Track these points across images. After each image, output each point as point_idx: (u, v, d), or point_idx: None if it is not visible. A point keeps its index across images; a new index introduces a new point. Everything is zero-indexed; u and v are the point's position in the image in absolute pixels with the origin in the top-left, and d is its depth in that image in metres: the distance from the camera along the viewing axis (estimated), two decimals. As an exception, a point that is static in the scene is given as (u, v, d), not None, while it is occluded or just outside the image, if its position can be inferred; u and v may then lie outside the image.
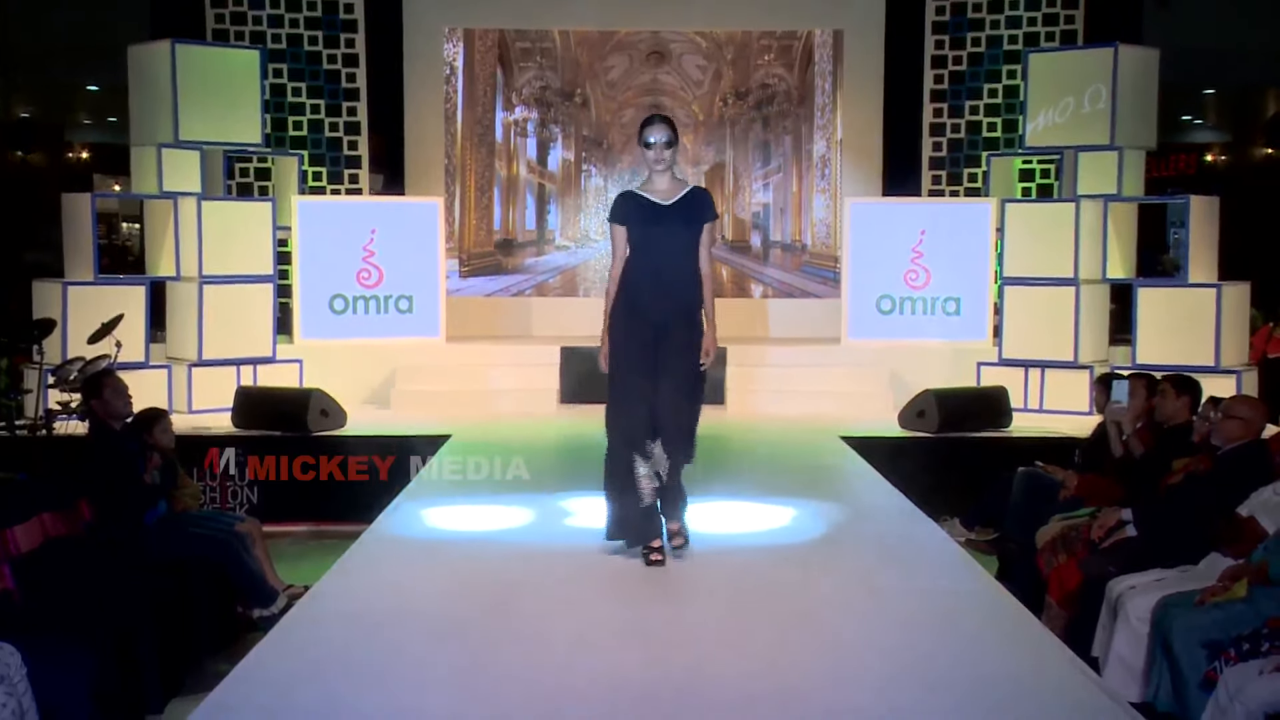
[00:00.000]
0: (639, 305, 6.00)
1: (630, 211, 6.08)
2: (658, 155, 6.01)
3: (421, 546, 6.31)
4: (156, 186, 10.46)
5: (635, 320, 6.00)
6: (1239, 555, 5.41)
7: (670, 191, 6.07)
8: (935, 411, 9.65)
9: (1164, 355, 10.04)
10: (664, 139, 5.99)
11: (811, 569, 5.90)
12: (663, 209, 6.03)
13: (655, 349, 5.95)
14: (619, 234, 6.10)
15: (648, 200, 6.08)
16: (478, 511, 7.08)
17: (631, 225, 6.04)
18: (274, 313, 10.81)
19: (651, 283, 5.99)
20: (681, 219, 6.03)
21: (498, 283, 12.93)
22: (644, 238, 6.02)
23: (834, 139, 12.97)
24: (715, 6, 12.82)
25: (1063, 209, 10.71)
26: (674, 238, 6.02)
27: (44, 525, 5.71)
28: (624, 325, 6.02)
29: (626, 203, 6.12)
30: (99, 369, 8.24)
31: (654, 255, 6.01)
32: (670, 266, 6.01)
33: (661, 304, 5.98)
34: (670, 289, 6.00)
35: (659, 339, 5.96)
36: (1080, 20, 12.06)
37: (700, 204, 6.10)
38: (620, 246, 6.10)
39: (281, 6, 12.18)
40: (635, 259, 6.04)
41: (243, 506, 9.10)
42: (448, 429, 9.59)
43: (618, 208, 6.14)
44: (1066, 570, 6.22)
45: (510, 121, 13.02)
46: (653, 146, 6.01)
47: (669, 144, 6.00)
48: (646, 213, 6.04)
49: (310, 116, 12.32)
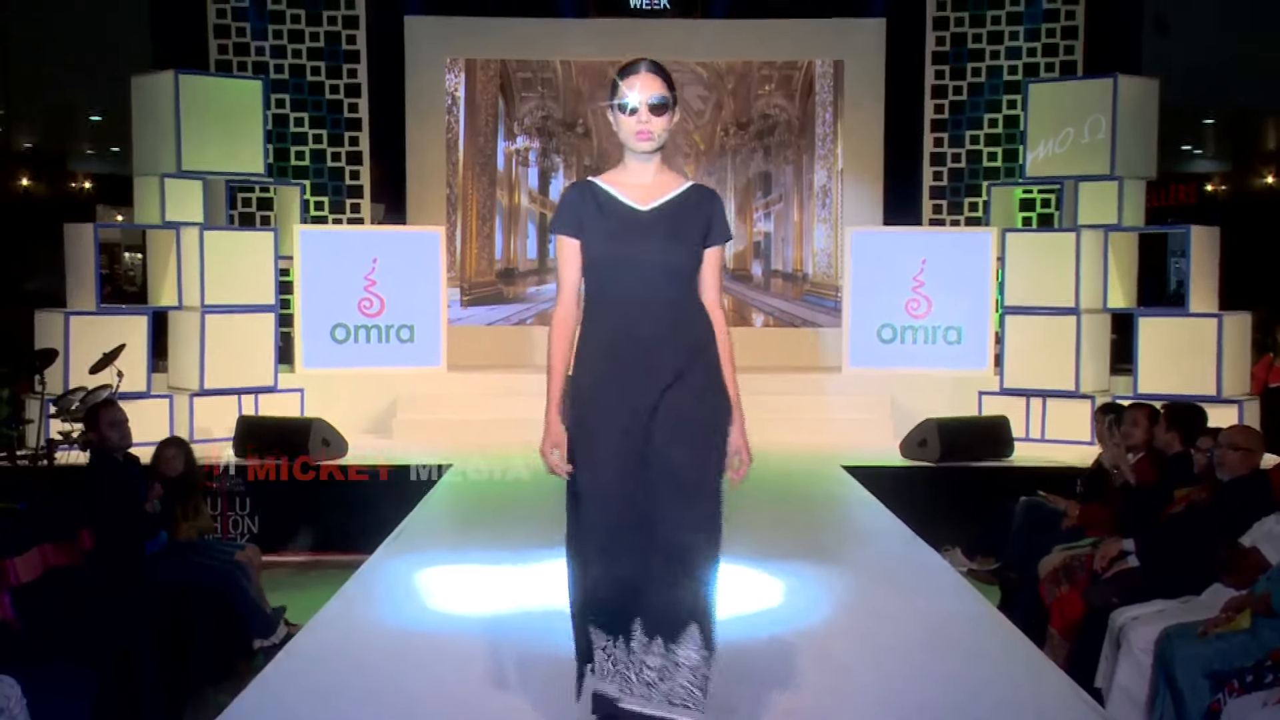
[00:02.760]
0: (611, 372, 3.82)
1: (587, 216, 3.87)
2: (642, 126, 3.83)
3: (421, 578, 6.30)
4: (159, 216, 10.48)
5: (607, 397, 3.81)
6: (1241, 586, 5.40)
7: (655, 188, 3.91)
8: (937, 441, 9.64)
9: (1165, 385, 10.03)
10: (654, 98, 3.83)
11: (814, 597, 5.89)
12: (640, 216, 3.86)
13: (645, 442, 3.79)
14: (568, 252, 3.88)
15: (616, 200, 3.88)
16: (478, 542, 7.06)
17: (589, 239, 3.85)
18: (276, 342, 10.81)
19: (626, 337, 3.81)
20: (671, 233, 3.85)
21: (499, 312, 12.94)
22: (609, 261, 3.83)
23: (835, 169, 13.01)
24: (716, 37, 12.86)
25: (1063, 238, 10.72)
26: (658, 264, 3.82)
27: (44, 555, 5.70)
28: (593, 405, 3.82)
29: (581, 201, 3.89)
30: (100, 399, 8.24)
31: (626, 290, 3.82)
32: (653, 309, 3.81)
33: (646, 368, 3.80)
34: (656, 346, 3.80)
35: (647, 425, 3.80)
36: (1080, 51, 12.14)
37: (703, 211, 3.91)
38: (572, 272, 3.89)
39: (285, 37, 12.27)
40: (596, 297, 3.88)
41: (243, 535, 9.08)
42: (449, 458, 9.58)
43: (567, 209, 3.90)
44: (1069, 600, 6.21)
45: (512, 151, 13.06)
46: (635, 110, 3.83)
47: (662, 107, 3.84)
48: (614, 220, 3.85)
49: (312, 146, 12.37)
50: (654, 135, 3.86)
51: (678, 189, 3.94)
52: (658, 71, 3.87)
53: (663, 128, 3.86)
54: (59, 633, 5.31)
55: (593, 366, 3.84)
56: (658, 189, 3.92)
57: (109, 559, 6.24)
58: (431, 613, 5.66)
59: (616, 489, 3.77)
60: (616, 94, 3.87)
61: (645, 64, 3.88)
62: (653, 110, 3.84)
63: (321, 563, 8.86)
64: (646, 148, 3.87)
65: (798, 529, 7.33)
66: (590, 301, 3.90)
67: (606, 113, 3.95)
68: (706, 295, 3.94)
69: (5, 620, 5.22)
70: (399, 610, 5.66)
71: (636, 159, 3.92)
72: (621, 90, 3.86)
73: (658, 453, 3.77)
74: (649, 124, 3.84)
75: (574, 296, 3.91)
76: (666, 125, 3.88)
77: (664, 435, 3.77)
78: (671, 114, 3.88)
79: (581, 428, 3.82)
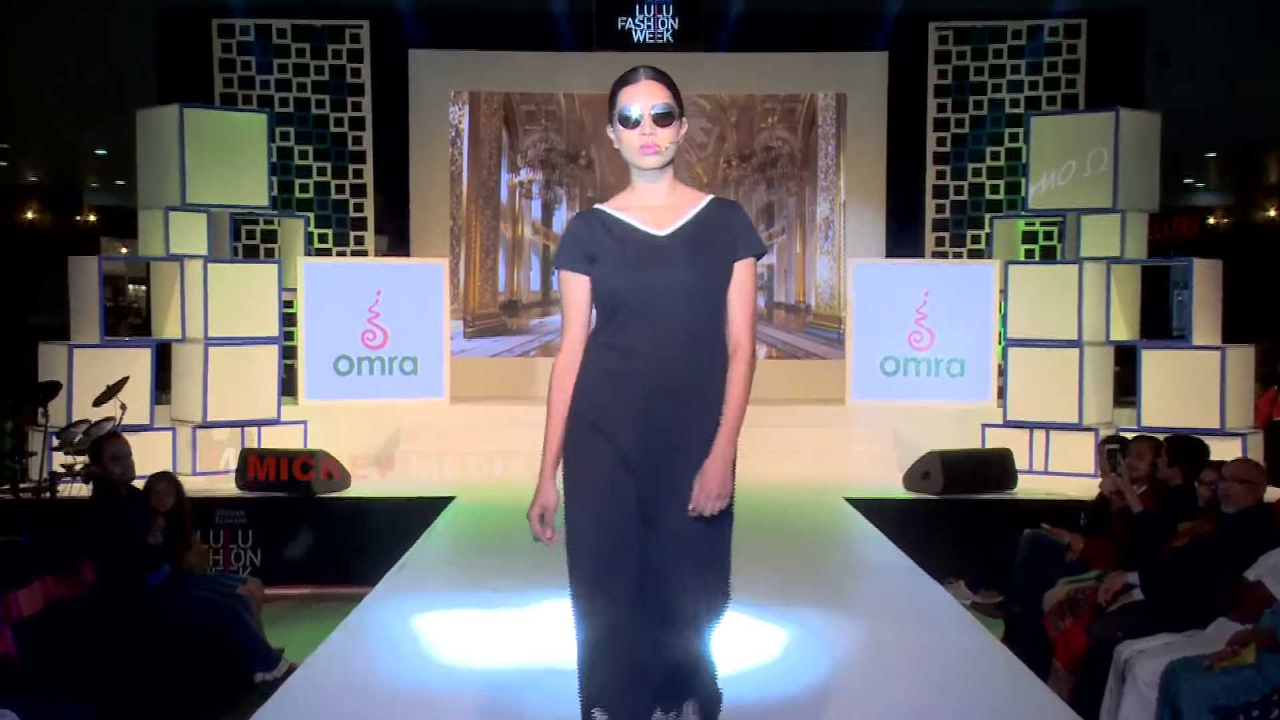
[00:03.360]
0: (619, 421, 3.42)
1: (598, 248, 3.47)
2: (647, 139, 3.45)
3: (424, 612, 6.28)
4: (163, 249, 10.50)
5: (607, 448, 3.43)
6: (1246, 620, 5.38)
7: (670, 210, 3.51)
8: (940, 473, 9.63)
9: (1169, 418, 10.00)
10: (658, 107, 3.45)
11: (817, 631, 5.87)
12: (659, 243, 3.46)
13: (646, 503, 3.43)
14: (576, 289, 3.50)
15: (630, 226, 3.49)
16: (480, 577, 7.05)
17: (601, 272, 3.45)
18: (279, 374, 10.82)
19: (646, 381, 3.41)
20: (695, 256, 3.43)
21: (502, 344, 12.95)
22: (628, 294, 3.42)
23: (837, 201, 13.04)
24: (720, 71, 12.91)
25: (1066, 271, 10.73)
26: (683, 292, 3.40)
27: (46, 588, 5.69)
28: (592, 460, 3.45)
29: (590, 232, 3.49)
30: (103, 432, 8.24)
31: (647, 327, 3.41)
32: (677, 346, 3.41)
33: (664, 417, 3.41)
34: (681, 390, 3.41)
35: (653, 485, 3.42)
36: (1081, 84, 12.20)
37: (728, 224, 3.50)
38: (579, 313, 3.50)
39: (290, 71, 12.35)
40: (611, 334, 3.45)
41: (245, 569, 9.07)
42: (452, 490, 9.58)
43: (572, 242, 3.51)
44: (1073, 634, 6.19)
45: (515, 183, 13.10)
46: (637, 123, 3.45)
47: (667, 116, 3.46)
48: (629, 249, 3.45)
49: (317, 179, 12.42)
50: (660, 148, 3.45)
51: (697, 207, 3.52)
52: (660, 78, 3.49)
53: (669, 140, 3.46)
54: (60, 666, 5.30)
55: (595, 420, 3.44)
56: (673, 211, 3.50)
57: (111, 592, 6.23)
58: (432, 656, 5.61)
59: (604, 549, 3.42)
60: (615, 106, 3.48)
61: (645, 71, 3.50)
62: (657, 120, 3.44)
63: (323, 596, 8.85)
64: (653, 163, 3.47)
65: (801, 562, 7.31)
66: (598, 338, 3.48)
67: (608, 130, 3.55)
68: (735, 317, 3.47)
69: (6, 654, 5.21)
70: (399, 648, 5.63)
71: (644, 178, 3.52)
72: (621, 101, 3.47)
73: (661, 511, 3.41)
74: (654, 136, 3.44)
75: (581, 338, 3.50)
76: (674, 137, 3.47)
77: (668, 493, 3.39)
78: (679, 124, 3.48)
79: (576, 491, 3.46)
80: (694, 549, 3.41)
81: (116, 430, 8.35)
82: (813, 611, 6.24)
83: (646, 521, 3.42)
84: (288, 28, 12.39)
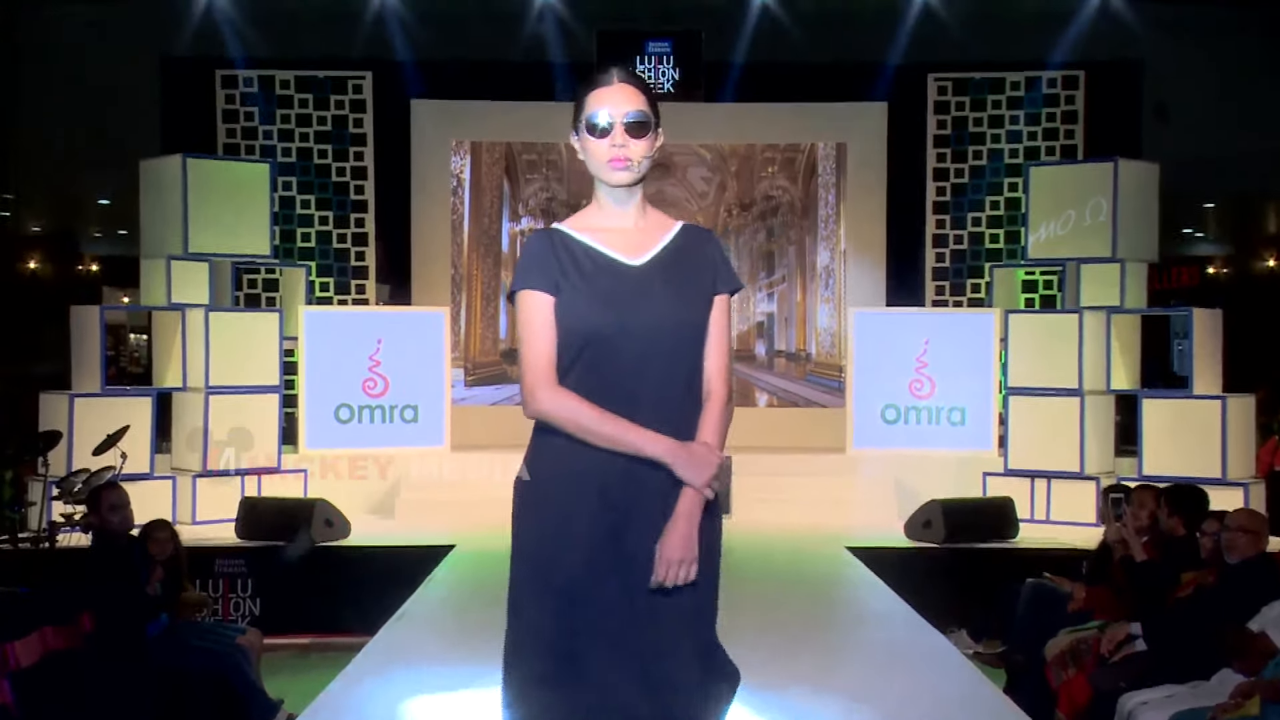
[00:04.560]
0: (594, 478, 2.98)
1: (565, 270, 3.02)
2: (617, 151, 3.01)
3: (423, 662, 6.25)
4: (165, 298, 10.53)
5: (580, 498, 2.99)
6: (1250, 671, 5.35)
7: (642, 235, 3.10)
8: (941, 522, 9.60)
9: (1170, 467, 9.99)
10: (631, 115, 3.02)
11: (819, 679, 5.84)
12: (632, 273, 3.04)
13: (625, 555, 2.97)
14: (543, 312, 3.01)
15: (596, 253, 3.05)
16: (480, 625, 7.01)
17: (566, 307, 3.00)
18: (280, 423, 10.81)
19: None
20: (674, 290, 3.03)
21: (503, 392, 12.96)
22: (593, 335, 2.97)
23: (838, 249, 13.08)
24: (720, 120, 12.98)
25: (1066, 320, 10.75)
26: (665, 330, 3.00)
27: (45, 639, 5.67)
28: (557, 512, 3.02)
29: (551, 253, 3.04)
30: (102, 481, 8.23)
31: (622, 368, 2.97)
32: (658, 390, 2.98)
33: (644, 472, 2.95)
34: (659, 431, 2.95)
35: (628, 533, 2.98)
36: (1080, 134, 12.29)
37: (706, 256, 3.12)
38: (547, 341, 3.01)
39: (292, 121, 12.44)
40: (579, 377, 2.99)
41: (244, 618, 9.03)
42: (452, 539, 9.55)
43: (534, 261, 3.05)
44: (1076, 684, 6.16)
45: (516, 232, 13.15)
46: (606, 131, 3.02)
47: (641, 126, 3.02)
48: (600, 280, 3.01)
49: (319, 228, 12.48)
50: (632, 163, 3.01)
51: (669, 233, 3.10)
52: (635, 82, 3.05)
53: (643, 153, 3.02)
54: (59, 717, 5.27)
55: (554, 473, 3.04)
56: (645, 236, 3.07)
57: (110, 642, 6.20)
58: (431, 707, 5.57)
59: (570, 639, 2.94)
60: (583, 110, 3.04)
61: (618, 73, 3.06)
62: (630, 130, 3.00)
63: (323, 645, 8.80)
64: (623, 179, 3.02)
65: (802, 610, 7.29)
66: (562, 382, 3.00)
67: (571, 138, 3.12)
68: (710, 359, 3.05)
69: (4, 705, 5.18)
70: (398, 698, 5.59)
71: (612, 197, 3.08)
72: (589, 106, 3.03)
73: (641, 589, 2.94)
74: (625, 148, 3.00)
75: (552, 366, 2.99)
76: (647, 150, 3.03)
77: (647, 563, 2.93)
78: (654, 136, 3.04)
79: (535, 547, 3.03)
80: (683, 623, 2.98)
81: (115, 480, 8.34)
82: (814, 661, 6.22)
83: (624, 602, 2.95)
84: (290, 79, 12.48)
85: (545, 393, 2.99)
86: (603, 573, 2.95)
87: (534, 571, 3.00)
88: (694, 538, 2.93)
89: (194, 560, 8.85)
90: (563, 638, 2.94)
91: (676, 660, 2.95)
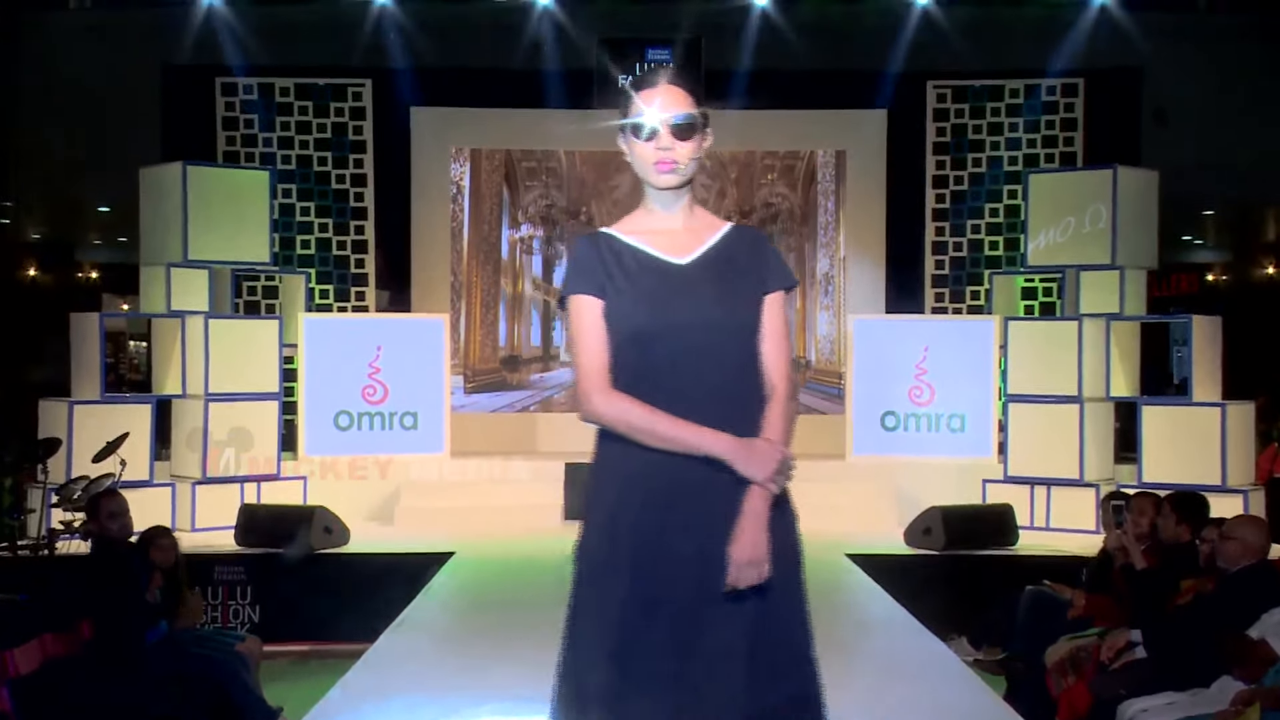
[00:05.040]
0: (654, 489, 2.90)
1: (611, 273, 2.98)
2: (664, 155, 3.03)
3: (422, 669, 6.25)
4: (164, 305, 10.52)
5: (640, 504, 2.91)
6: (1250, 679, 5.35)
7: (690, 235, 3.08)
8: (941, 529, 9.60)
9: (1170, 474, 10.00)
10: (679, 117, 3.03)
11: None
12: (680, 271, 3.01)
13: (689, 559, 2.90)
14: (593, 316, 2.97)
15: (644, 254, 3.02)
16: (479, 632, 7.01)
17: (615, 308, 2.96)
18: (279, 430, 10.81)
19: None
20: (722, 287, 2.99)
21: (502, 399, 12.96)
22: (645, 335, 2.92)
23: (837, 257, 13.09)
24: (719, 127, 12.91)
25: (1065, 327, 10.76)
26: (713, 328, 2.95)
27: (44, 646, 5.67)
28: (619, 545, 2.91)
29: (598, 257, 3.00)
30: (102, 488, 8.22)
31: (674, 369, 2.91)
32: (712, 391, 2.92)
33: (705, 477, 2.89)
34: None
35: (691, 537, 2.90)
36: (1079, 142, 12.29)
37: (757, 253, 3.09)
38: (599, 342, 2.96)
39: (292, 129, 12.45)
40: (629, 382, 2.93)
41: (244, 625, 9.03)
42: (451, 546, 9.54)
43: (583, 264, 3.00)
44: (1076, 692, 6.15)
45: (516, 239, 13.15)
46: (653, 135, 3.03)
47: (688, 128, 3.05)
48: (646, 279, 2.98)
49: (318, 235, 12.49)
50: (679, 165, 3.02)
51: (718, 233, 3.09)
52: (680, 83, 3.07)
53: (689, 155, 3.03)
54: (57, 724, 5.27)
55: (620, 491, 2.93)
56: (693, 236, 3.05)
57: (109, 649, 6.19)
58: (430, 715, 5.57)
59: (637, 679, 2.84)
60: (629, 113, 3.03)
61: (665, 74, 3.07)
62: (676, 133, 3.01)
63: (322, 652, 8.79)
64: (670, 181, 3.03)
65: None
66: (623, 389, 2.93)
67: (619, 141, 3.10)
68: (769, 357, 3.00)
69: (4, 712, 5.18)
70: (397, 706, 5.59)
71: (659, 199, 3.07)
72: (635, 108, 3.02)
73: (721, 613, 2.88)
74: (672, 151, 3.01)
75: (604, 369, 2.94)
76: (694, 152, 3.04)
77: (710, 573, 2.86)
78: (701, 137, 3.06)
79: (597, 586, 2.91)
80: (778, 644, 3.03)
81: (114, 487, 8.34)
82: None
83: (697, 627, 2.89)
84: (290, 86, 12.49)
85: (599, 396, 2.95)
86: (665, 580, 2.88)
87: (592, 581, 2.94)
88: (762, 538, 2.90)
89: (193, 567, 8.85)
90: (621, 649, 2.86)
91: (735, 666, 2.90)
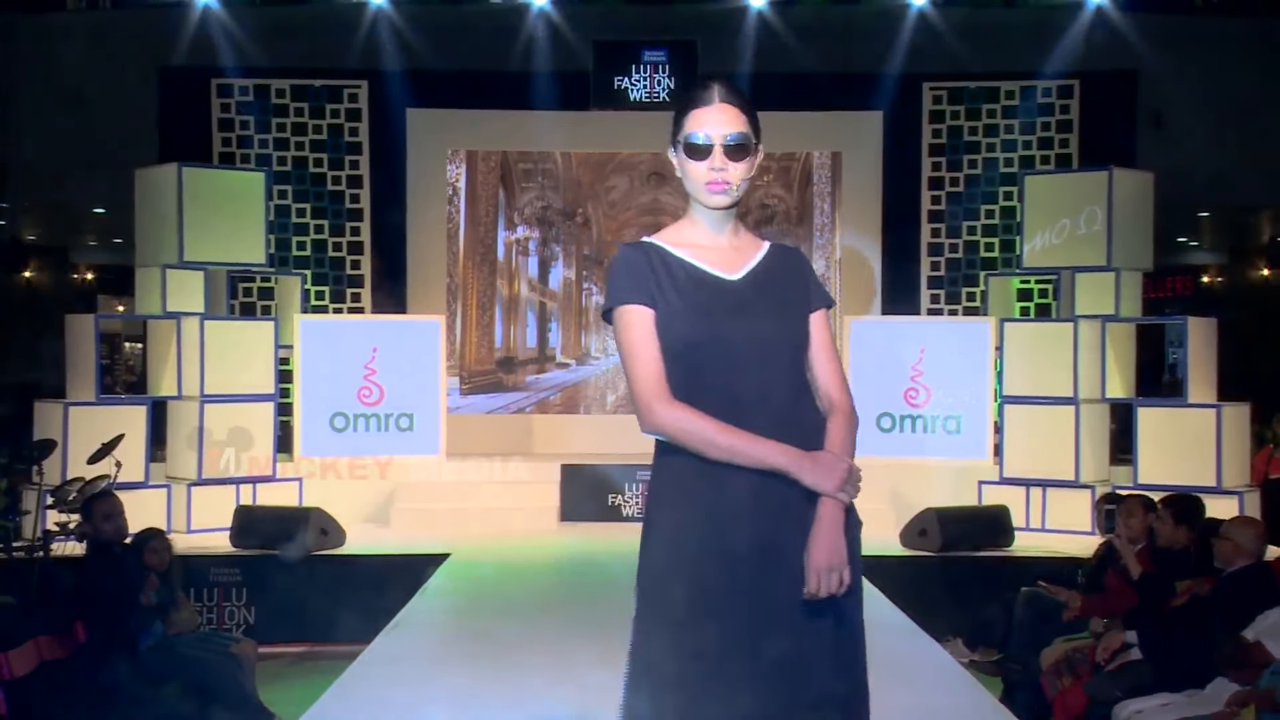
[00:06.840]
0: (722, 494, 2.84)
1: (661, 284, 2.91)
2: (716, 175, 2.94)
3: (418, 671, 6.24)
4: (160, 306, 10.51)
5: (713, 530, 2.84)
6: (1245, 680, 5.35)
7: (736, 252, 3.01)
8: (937, 530, 9.61)
9: (1166, 475, 10.01)
10: (732, 137, 2.93)
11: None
12: (732, 286, 2.95)
13: (756, 573, 2.86)
14: (645, 325, 2.89)
15: (694, 267, 2.95)
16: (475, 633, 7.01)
17: (667, 318, 2.89)
18: (275, 431, 10.80)
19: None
20: (774, 304, 2.97)
21: (498, 400, 12.95)
22: (699, 347, 2.87)
23: (833, 258, 13.09)
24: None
25: (1061, 329, 10.76)
26: (770, 344, 2.92)
27: (39, 649, 5.66)
28: (696, 553, 2.84)
29: (648, 265, 2.92)
30: (97, 490, 8.21)
31: (723, 389, 2.85)
32: (771, 408, 2.89)
33: (778, 496, 2.87)
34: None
35: (757, 551, 2.86)
36: (1075, 144, 12.31)
37: (798, 274, 3.07)
38: (647, 354, 2.87)
39: (288, 130, 12.44)
40: (685, 390, 2.86)
41: (239, 626, 9.02)
42: (447, 547, 9.54)
43: (632, 272, 2.91)
44: (1072, 693, 6.16)
45: (512, 241, 13.15)
46: (706, 153, 2.94)
47: (741, 149, 2.95)
48: (699, 293, 2.92)
49: (314, 237, 12.48)
50: (731, 186, 2.93)
51: (761, 251, 3.04)
52: (734, 100, 2.95)
53: (742, 176, 2.93)
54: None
55: (680, 504, 2.86)
56: (739, 254, 2.99)
57: (103, 651, 6.19)
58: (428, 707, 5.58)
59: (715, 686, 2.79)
60: (681, 129, 2.96)
61: (720, 90, 2.95)
62: (729, 153, 2.91)
63: (317, 654, 8.78)
64: (722, 202, 2.94)
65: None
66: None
67: (669, 153, 3.04)
68: (825, 374, 3.04)
69: (-2, 714, 5.17)
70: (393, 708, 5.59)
71: (708, 217, 2.99)
72: (688, 126, 2.94)
73: (787, 618, 2.86)
74: (724, 171, 2.91)
75: (663, 379, 2.84)
76: (746, 172, 2.95)
77: (794, 591, 2.84)
78: (754, 156, 2.96)
79: (656, 575, 2.86)
80: (830, 651, 3.02)
81: (108, 489, 8.33)
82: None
83: (763, 632, 2.85)
84: (286, 88, 12.48)
85: (661, 406, 2.83)
86: (732, 595, 2.82)
87: (654, 599, 2.86)
88: (841, 544, 2.89)
89: (189, 569, 8.86)
90: (688, 664, 2.81)
91: (820, 680, 2.94)
